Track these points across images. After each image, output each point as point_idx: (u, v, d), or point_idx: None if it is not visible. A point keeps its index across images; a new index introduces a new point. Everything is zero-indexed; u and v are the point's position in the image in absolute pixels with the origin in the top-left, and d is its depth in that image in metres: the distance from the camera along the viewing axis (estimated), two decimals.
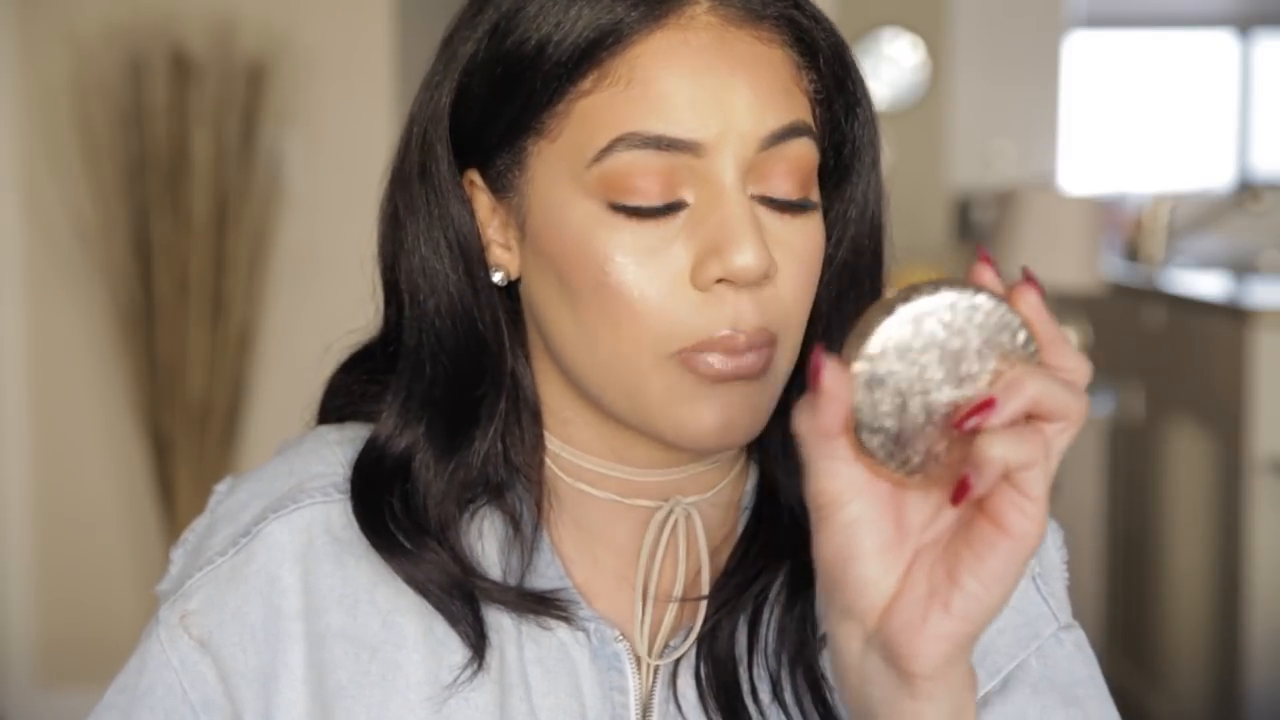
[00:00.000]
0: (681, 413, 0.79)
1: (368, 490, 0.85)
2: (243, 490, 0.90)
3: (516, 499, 0.86)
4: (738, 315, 0.78)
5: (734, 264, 0.77)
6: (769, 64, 0.80)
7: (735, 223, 0.77)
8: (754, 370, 0.78)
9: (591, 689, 0.84)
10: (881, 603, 0.66)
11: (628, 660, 0.85)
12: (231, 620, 0.85)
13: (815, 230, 0.82)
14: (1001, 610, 0.65)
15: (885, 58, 4.64)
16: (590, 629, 0.85)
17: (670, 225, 0.78)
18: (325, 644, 0.84)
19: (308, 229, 3.56)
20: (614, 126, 0.77)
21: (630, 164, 0.77)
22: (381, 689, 0.83)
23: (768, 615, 0.85)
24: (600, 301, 0.78)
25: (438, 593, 0.83)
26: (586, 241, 0.78)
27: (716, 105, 0.77)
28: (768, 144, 0.78)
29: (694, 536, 0.86)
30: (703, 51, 0.78)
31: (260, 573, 0.85)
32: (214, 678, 0.85)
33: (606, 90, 0.78)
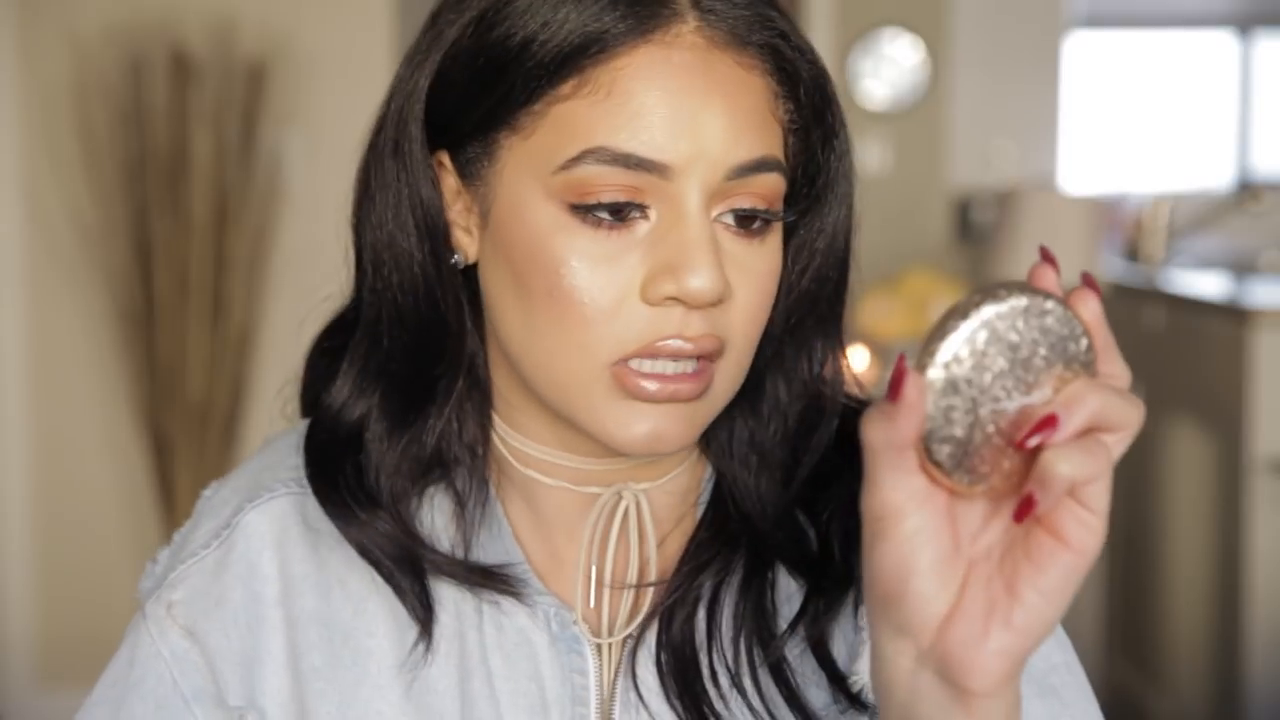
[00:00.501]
0: (609, 419, 0.80)
1: (321, 456, 0.87)
2: (225, 489, 0.92)
3: (465, 477, 0.87)
4: (685, 325, 0.78)
5: (688, 285, 0.77)
6: (748, 91, 0.80)
7: (693, 245, 0.78)
8: (690, 395, 0.79)
9: (551, 672, 0.85)
10: (937, 619, 0.64)
11: (587, 643, 0.86)
12: (215, 608, 0.87)
13: (773, 252, 0.82)
14: (1057, 624, 0.64)
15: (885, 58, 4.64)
16: (550, 612, 0.86)
17: (629, 238, 0.79)
18: (300, 627, 0.86)
19: (308, 229, 3.56)
20: (586, 137, 0.78)
21: (596, 176, 0.78)
22: (353, 672, 0.85)
23: (726, 601, 0.86)
24: (550, 302, 0.79)
25: (387, 563, 0.85)
26: (544, 243, 0.79)
27: (690, 129, 0.78)
28: (735, 175, 0.79)
29: (643, 523, 0.87)
30: (684, 71, 0.78)
31: (241, 560, 0.87)
32: (202, 665, 0.86)
33: (585, 98, 0.78)
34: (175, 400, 3.52)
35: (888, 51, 4.65)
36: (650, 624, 0.86)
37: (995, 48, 4.73)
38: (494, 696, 0.85)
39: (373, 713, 0.85)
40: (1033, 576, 0.63)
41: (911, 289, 3.65)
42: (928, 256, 4.40)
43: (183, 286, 3.49)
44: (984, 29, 4.70)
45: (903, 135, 4.67)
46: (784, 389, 0.87)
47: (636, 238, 0.79)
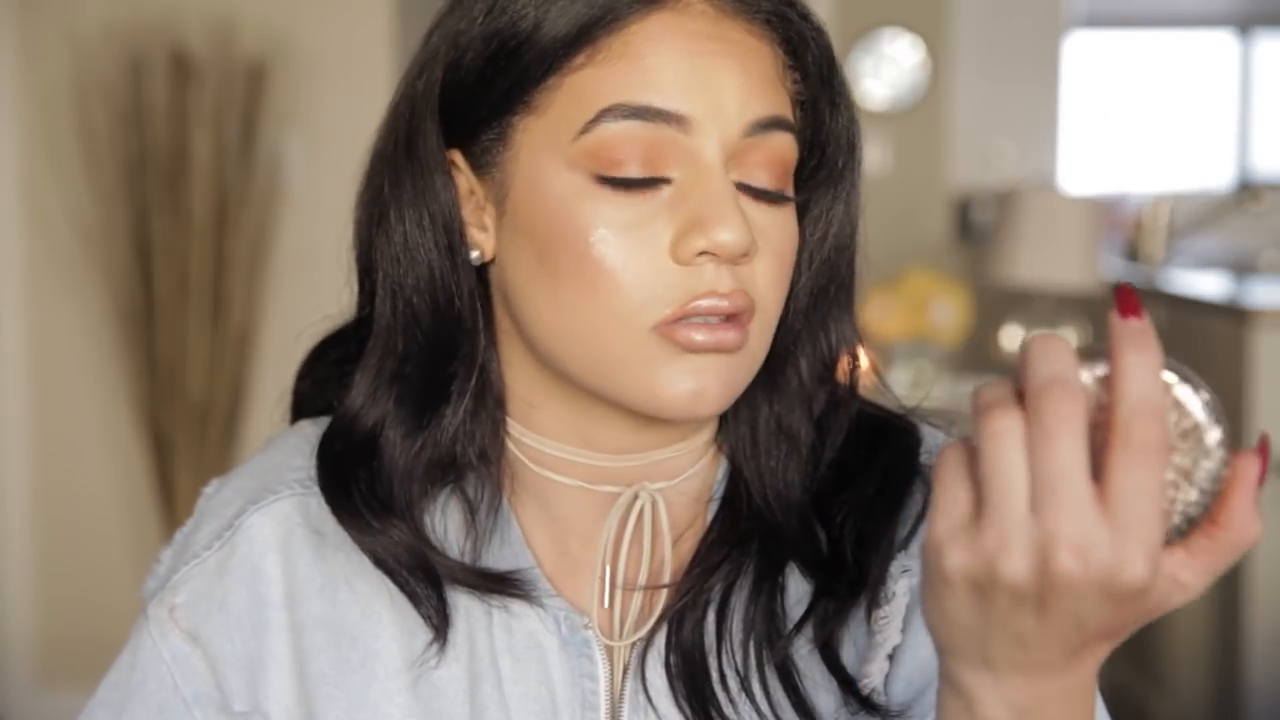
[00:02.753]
0: (656, 379, 0.79)
1: (335, 464, 0.86)
2: (227, 489, 0.91)
3: (477, 482, 0.87)
4: (717, 280, 0.79)
5: (718, 238, 0.78)
6: (758, 55, 0.81)
7: (719, 199, 0.78)
8: (733, 344, 0.79)
9: (561, 676, 0.85)
10: None
11: (597, 647, 0.85)
12: (218, 611, 0.86)
13: (790, 225, 0.83)
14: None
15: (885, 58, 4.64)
16: (560, 616, 0.86)
17: (653, 200, 0.79)
18: (306, 631, 0.85)
19: (308, 229, 3.56)
20: (603, 98, 0.79)
21: (616, 134, 0.78)
22: (362, 675, 0.85)
23: (736, 605, 0.86)
24: (580, 274, 0.79)
25: (401, 570, 0.84)
26: (569, 214, 0.79)
27: (705, 84, 0.79)
28: (751, 131, 0.80)
29: (659, 523, 0.86)
30: (696, 34, 0.79)
31: (244, 563, 0.87)
32: (204, 669, 0.86)
33: (598, 65, 0.79)
34: (175, 400, 3.52)
35: (888, 51, 4.64)
36: (660, 626, 0.85)
37: (995, 48, 4.73)
38: (503, 700, 0.84)
39: (381, 716, 0.84)
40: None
41: (911, 289, 3.65)
42: (928, 256, 4.40)
43: (183, 286, 3.49)
44: (984, 29, 4.70)
45: (903, 135, 4.67)
46: (806, 370, 0.87)
47: (660, 200, 0.79)
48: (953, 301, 3.66)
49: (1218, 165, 6.16)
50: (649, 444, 0.86)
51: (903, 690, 0.85)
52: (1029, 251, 3.56)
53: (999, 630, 0.63)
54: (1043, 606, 0.61)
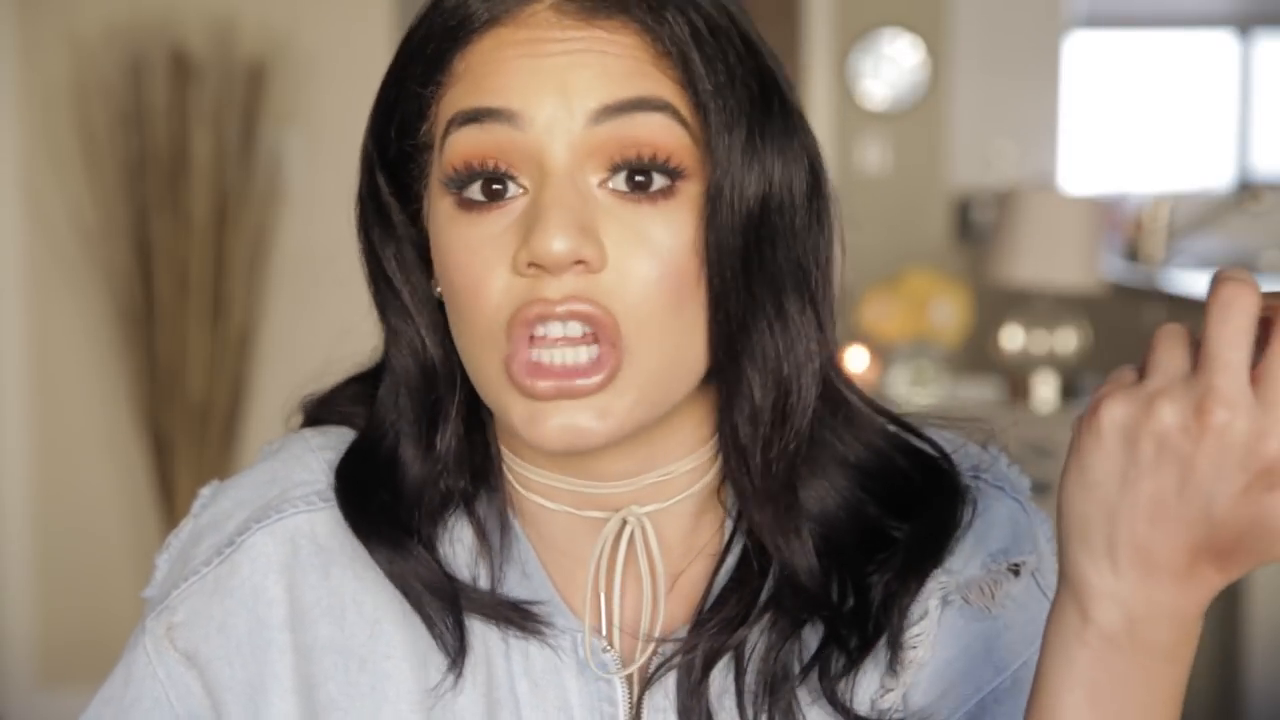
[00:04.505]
0: (518, 423, 0.77)
1: (357, 485, 0.85)
2: (226, 498, 0.89)
3: (484, 509, 0.85)
4: (546, 288, 0.75)
5: (536, 247, 0.74)
6: (612, 46, 0.77)
7: (549, 205, 0.75)
8: (586, 389, 0.75)
9: (580, 701, 0.83)
10: None
11: (616, 673, 0.84)
12: (217, 633, 0.84)
13: (683, 222, 0.76)
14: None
15: (885, 58, 4.64)
16: (579, 640, 0.84)
17: (505, 216, 0.77)
18: (314, 657, 0.84)
19: (308, 229, 3.56)
20: (448, 114, 0.78)
21: (459, 144, 0.77)
22: (372, 699, 0.83)
23: (748, 660, 0.83)
24: (452, 296, 0.79)
25: (420, 590, 0.83)
26: (441, 238, 0.79)
27: (541, 80, 0.76)
28: (600, 117, 0.76)
29: (650, 548, 0.83)
30: (536, 40, 0.77)
31: (245, 584, 0.85)
32: (200, 691, 0.84)
33: (449, 87, 0.79)
34: (175, 400, 3.52)
35: (888, 51, 4.64)
36: (669, 667, 0.83)
37: (995, 48, 4.73)
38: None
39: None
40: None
41: (911, 289, 3.65)
42: (928, 256, 4.40)
43: (183, 286, 3.49)
44: (984, 29, 4.70)
45: (903, 135, 4.67)
46: (755, 375, 0.79)
47: (514, 216, 0.77)
48: (953, 301, 3.66)
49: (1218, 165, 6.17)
50: (630, 469, 0.83)
51: (923, 694, 0.84)
52: (1029, 251, 3.56)
53: (1135, 494, 0.66)
54: (1184, 465, 0.65)
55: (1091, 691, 0.70)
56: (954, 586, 0.85)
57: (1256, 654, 3.07)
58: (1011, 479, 0.89)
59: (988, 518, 0.86)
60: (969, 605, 0.84)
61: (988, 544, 0.86)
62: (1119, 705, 0.70)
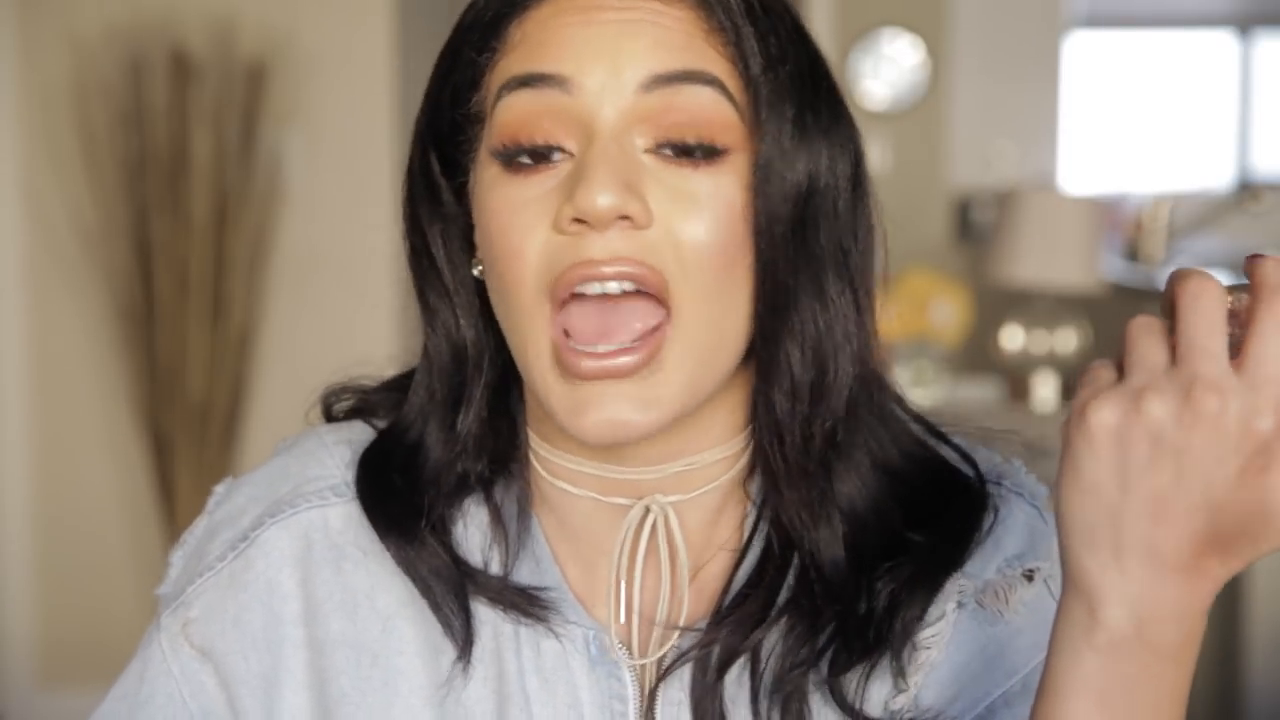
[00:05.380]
0: (565, 408, 0.77)
1: (378, 474, 0.86)
2: (240, 494, 0.89)
3: (502, 493, 0.85)
4: (591, 247, 0.75)
5: (581, 202, 0.74)
6: (665, 18, 0.78)
7: (593, 162, 0.75)
8: (626, 369, 0.75)
9: (590, 697, 0.83)
10: None
11: (626, 668, 0.84)
12: (233, 627, 0.85)
13: (728, 184, 0.77)
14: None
15: (885, 58, 4.64)
16: (589, 636, 0.84)
17: (551, 177, 0.77)
18: (326, 651, 0.84)
19: (308, 229, 3.56)
20: (501, 80, 0.79)
21: (509, 109, 0.78)
22: (384, 694, 0.83)
23: (765, 659, 0.83)
24: (495, 263, 0.79)
25: (427, 575, 0.83)
26: (484, 203, 0.79)
27: (593, 47, 0.77)
28: (649, 86, 0.76)
29: (673, 537, 0.83)
30: (591, 8, 0.78)
31: (260, 579, 0.85)
32: (214, 686, 0.85)
33: (503, 55, 0.79)
34: (175, 400, 3.52)
35: (888, 51, 4.64)
36: (684, 660, 0.83)
37: (995, 48, 4.73)
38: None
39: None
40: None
41: (911, 289, 3.65)
42: (928, 256, 4.40)
43: (183, 286, 3.50)
44: (984, 29, 4.70)
45: (903, 135, 4.67)
46: (795, 350, 0.81)
47: (558, 177, 0.77)
48: (953, 301, 3.66)
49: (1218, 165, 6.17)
50: (658, 456, 0.83)
51: (934, 696, 0.84)
52: (1029, 251, 3.56)
53: (1134, 494, 0.66)
54: (1180, 456, 0.65)
55: (1100, 696, 0.70)
56: (970, 590, 0.85)
57: (1256, 654, 3.07)
58: (1029, 486, 0.90)
59: (1006, 523, 0.87)
60: (983, 609, 0.85)
61: (1004, 549, 0.86)
62: (1127, 709, 0.69)
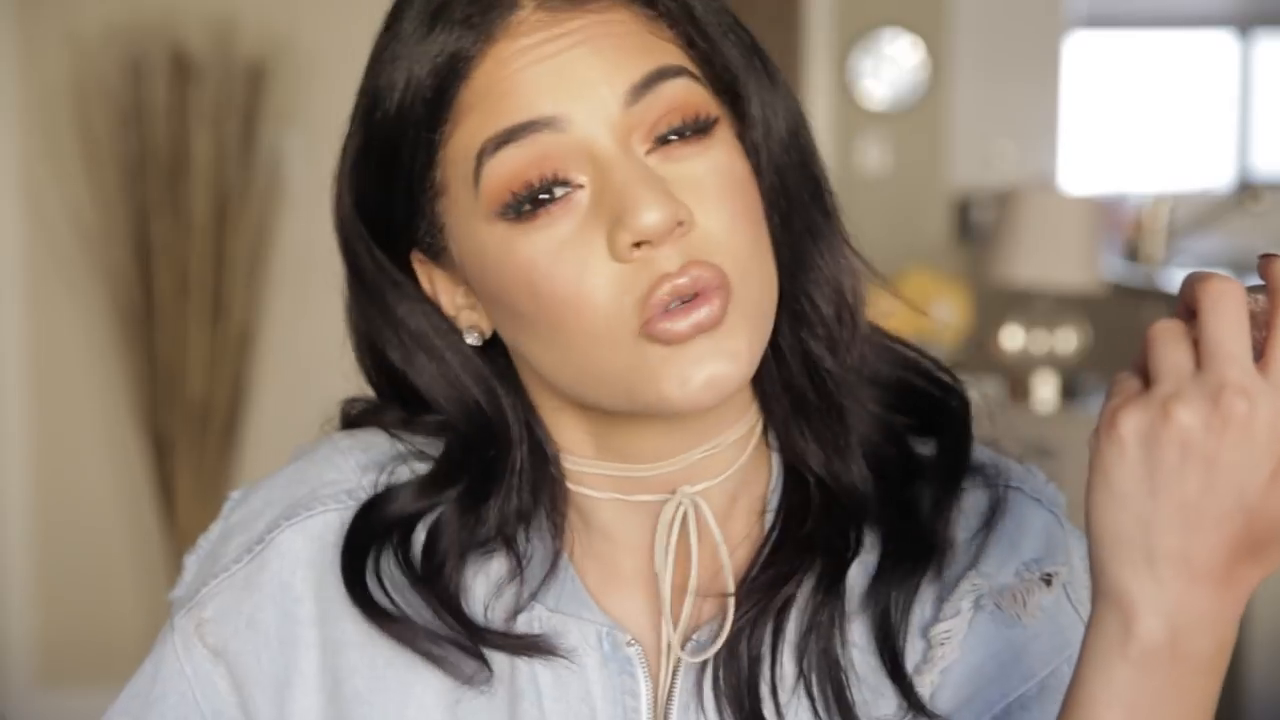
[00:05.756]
0: (665, 381, 0.77)
1: (360, 544, 0.85)
2: (256, 498, 0.89)
3: (533, 535, 0.85)
4: (666, 263, 0.76)
5: (639, 225, 0.74)
6: (612, 27, 0.78)
7: (628, 184, 0.75)
8: (713, 319, 0.76)
9: (602, 693, 0.84)
10: None
11: (639, 664, 0.84)
12: (246, 628, 0.85)
13: (726, 158, 0.79)
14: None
15: (885, 58, 4.64)
16: (602, 632, 0.84)
17: (573, 214, 0.77)
18: (340, 652, 0.84)
19: (308, 229, 3.56)
20: (474, 145, 0.77)
21: (500, 168, 0.76)
22: (399, 695, 0.83)
23: (796, 613, 0.83)
24: (544, 313, 0.77)
25: (423, 642, 0.83)
26: (507, 264, 0.78)
27: (559, 79, 0.76)
28: (632, 98, 0.77)
29: (704, 526, 0.84)
30: (534, 45, 0.77)
31: (274, 580, 0.85)
32: (227, 688, 0.85)
33: (462, 122, 0.78)
34: (175, 400, 3.52)
35: (888, 51, 4.65)
36: (713, 641, 0.83)
37: (995, 48, 4.73)
38: (543, 717, 0.83)
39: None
40: None
41: (911, 289, 3.65)
42: (928, 256, 4.40)
43: (183, 286, 3.50)
44: (984, 29, 4.70)
45: (903, 135, 4.67)
46: (810, 302, 0.84)
47: (582, 211, 0.77)
48: (953, 301, 3.66)
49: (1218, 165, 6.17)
50: (681, 446, 0.83)
51: (949, 698, 0.84)
52: (1029, 251, 3.56)
53: (1166, 502, 0.67)
54: (1210, 463, 0.66)
55: (1131, 709, 0.70)
56: (987, 590, 0.85)
57: (1257, 654, 3.07)
58: (1049, 494, 0.90)
59: (1023, 526, 0.87)
60: (1001, 611, 0.85)
61: (1021, 552, 0.87)
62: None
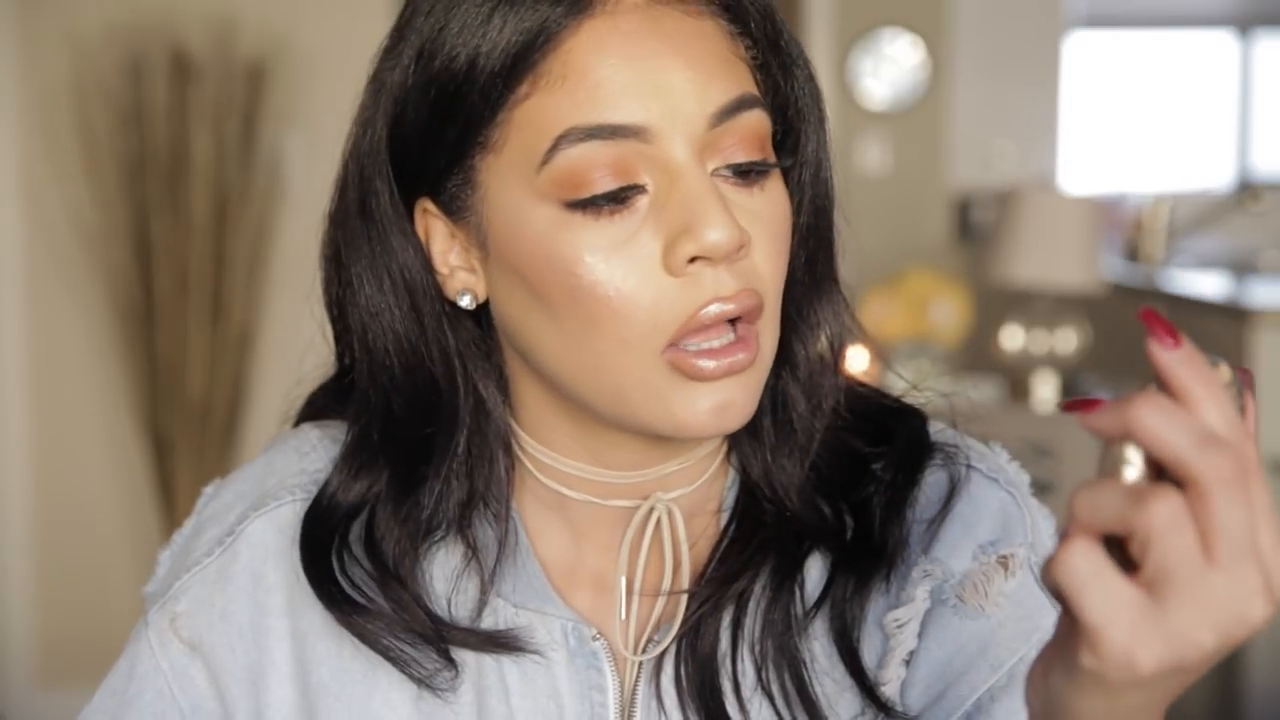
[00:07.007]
0: (673, 405, 0.77)
1: (316, 542, 0.84)
2: (227, 492, 0.90)
3: (482, 525, 0.85)
4: (719, 285, 0.76)
5: (706, 240, 0.74)
6: (703, 37, 0.78)
7: (700, 199, 0.75)
8: (745, 364, 0.77)
9: (569, 689, 0.84)
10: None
11: (606, 659, 0.84)
12: (220, 620, 0.85)
13: (779, 196, 0.80)
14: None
15: (885, 58, 4.64)
16: (569, 628, 0.84)
17: (632, 216, 0.76)
18: (308, 642, 0.84)
19: (308, 229, 3.54)
20: (556, 125, 0.76)
21: (578, 159, 0.75)
22: (364, 686, 0.84)
23: (753, 609, 0.84)
24: (578, 306, 0.76)
25: (386, 640, 0.82)
26: (551, 248, 0.76)
27: (655, 88, 0.76)
28: (717, 121, 0.77)
29: (676, 532, 0.84)
30: (633, 35, 0.76)
31: (245, 571, 0.86)
32: (204, 681, 0.85)
33: (544, 91, 0.76)
34: (175, 400, 3.52)
35: (888, 51, 4.65)
36: (675, 635, 0.84)
37: (995, 48, 4.73)
38: (510, 713, 0.83)
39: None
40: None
41: (911, 289, 3.65)
42: (928, 256, 4.40)
43: (183, 286, 3.50)
44: (984, 29, 4.70)
45: (903, 135, 4.67)
46: (809, 345, 0.85)
47: (640, 214, 0.76)
48: (953, 301, 3.66)
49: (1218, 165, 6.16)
50: (659, 458, 0.84)
51: (920, 696, 0.84)
52: (1029, 251, 3.56)
53: (1155, 702, 0.65)
54: (1204, 666, 0.62)
55: None
56: (942, 577, 0.85)
57: (1257, 654, 3.07)
58: (1009, 473, 0.89)
59: (977, 507, 0.86)
60: (964, 604, 0.84)
61: (976, 534, 0.86)
62: None
